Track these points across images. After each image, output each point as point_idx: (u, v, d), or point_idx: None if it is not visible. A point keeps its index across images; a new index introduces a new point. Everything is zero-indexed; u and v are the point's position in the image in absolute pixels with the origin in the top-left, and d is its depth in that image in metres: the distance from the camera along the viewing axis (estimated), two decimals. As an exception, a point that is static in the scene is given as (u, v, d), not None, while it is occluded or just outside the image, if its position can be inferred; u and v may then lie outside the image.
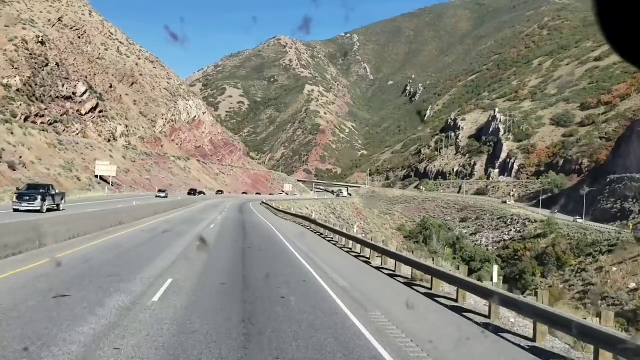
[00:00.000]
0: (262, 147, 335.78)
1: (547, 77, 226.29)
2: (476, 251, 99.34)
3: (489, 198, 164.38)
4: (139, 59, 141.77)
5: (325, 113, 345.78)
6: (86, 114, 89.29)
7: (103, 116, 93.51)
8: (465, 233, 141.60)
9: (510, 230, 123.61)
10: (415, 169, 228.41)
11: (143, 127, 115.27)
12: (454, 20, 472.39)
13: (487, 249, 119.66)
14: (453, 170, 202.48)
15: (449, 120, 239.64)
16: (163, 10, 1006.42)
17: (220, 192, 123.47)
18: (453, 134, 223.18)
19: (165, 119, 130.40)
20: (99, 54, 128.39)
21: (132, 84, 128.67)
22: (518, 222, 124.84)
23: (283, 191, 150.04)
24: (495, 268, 20.35)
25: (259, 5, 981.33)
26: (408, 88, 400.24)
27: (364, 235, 31.62)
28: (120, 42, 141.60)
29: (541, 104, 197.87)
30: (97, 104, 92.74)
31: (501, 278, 47.46)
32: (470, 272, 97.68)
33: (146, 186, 77.51)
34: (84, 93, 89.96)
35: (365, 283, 17.44)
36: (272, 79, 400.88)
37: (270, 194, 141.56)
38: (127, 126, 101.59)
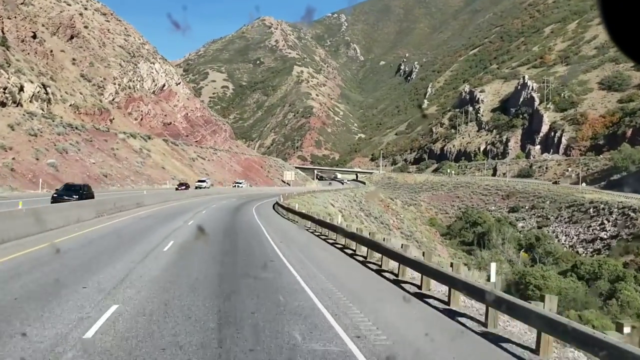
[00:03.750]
0: (250, 134, 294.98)
1: (577, 39, 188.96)
2: (599, 263, 60.38)
3: (536, 180, 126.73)
4: (85, 8, 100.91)
5: (317, 95, 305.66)
6: (-46, 57, 48.93)
7: (-7, 65, 53.16)
8: (522, 227, 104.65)
9: (603, 223, 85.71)
10: (429, 150, 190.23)
11: (82, 93, 75.57)
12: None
13: (576, 252, 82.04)
14: (479, 149, 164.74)
15: (463, 94, 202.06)
16: None
17: (237, 184, 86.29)
18: (471, 108, 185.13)
19: (119, 85, 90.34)
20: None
21: (72, 37, 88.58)
22: (611, 212, 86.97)
23: (284, 181, 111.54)
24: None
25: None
26: (402, 67, 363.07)
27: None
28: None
29: (581, 67, 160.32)
30: (-18, 45, 52.34)
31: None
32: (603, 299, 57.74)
33: (38, 178, 37.92)
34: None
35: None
36: (258, 61, 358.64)
37: (249, 182, 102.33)
38: (44, 86, 61.52)
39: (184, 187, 59.11)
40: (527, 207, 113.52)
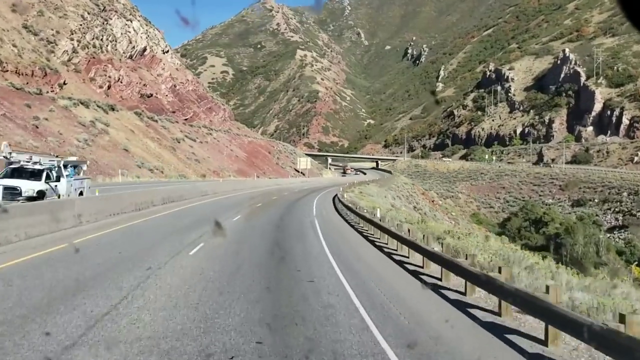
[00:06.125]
0: (252, 121, 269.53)
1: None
2: None
3: (595, 167, 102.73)
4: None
5: (322, 79, 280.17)
6: None
7: None
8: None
9: None
10: (452, 134, 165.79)
11: (15, 46, 51.54)
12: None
13: None
14: (515, 132, 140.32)
15: (487, 73, 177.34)
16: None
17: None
18: (500, 88, 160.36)
19: (78, 42, 66.05)
20: None
21: (15, -22, 64.43)
22: None
23: (298, 170, 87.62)
24: None
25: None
26: (409, 51, 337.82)
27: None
28: None
29: (634, 37, 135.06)
30: None
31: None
32: None
33: None
34: None
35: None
36: (259, 45, 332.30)
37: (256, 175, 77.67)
38: None
39: None
40: (596, 200, 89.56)
